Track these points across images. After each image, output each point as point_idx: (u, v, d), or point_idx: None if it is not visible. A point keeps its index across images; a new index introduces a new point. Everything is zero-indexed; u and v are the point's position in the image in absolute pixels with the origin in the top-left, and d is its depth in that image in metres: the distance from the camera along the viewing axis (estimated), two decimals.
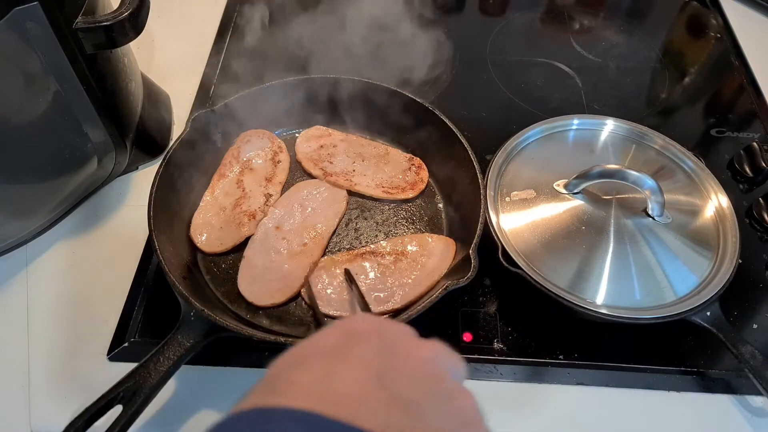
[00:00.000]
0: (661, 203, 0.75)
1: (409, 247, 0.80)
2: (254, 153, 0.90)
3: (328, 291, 0.76)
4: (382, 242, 0.81)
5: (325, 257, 0.80)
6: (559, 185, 0.81)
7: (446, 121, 0.85)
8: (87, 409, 0.58)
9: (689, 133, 1.03)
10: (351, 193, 0.88)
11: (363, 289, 0.76)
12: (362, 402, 0.33)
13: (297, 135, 0.94)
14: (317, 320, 0.73)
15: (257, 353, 0.74)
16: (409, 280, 0.76)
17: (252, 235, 0.81)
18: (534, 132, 0.88)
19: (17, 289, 0.79)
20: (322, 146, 0.92)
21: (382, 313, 0.74)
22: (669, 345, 0.76)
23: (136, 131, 0.88)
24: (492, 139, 0.88)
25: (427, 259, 0.78)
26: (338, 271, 0.78)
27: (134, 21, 0.68)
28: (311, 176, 0.90)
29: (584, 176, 0.77)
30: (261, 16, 1.21)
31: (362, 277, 0.77)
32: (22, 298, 0.78)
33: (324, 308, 0.74)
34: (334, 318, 0.75)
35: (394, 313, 0.73)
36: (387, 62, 1.12)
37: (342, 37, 1.17)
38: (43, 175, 0.75)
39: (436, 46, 1.17)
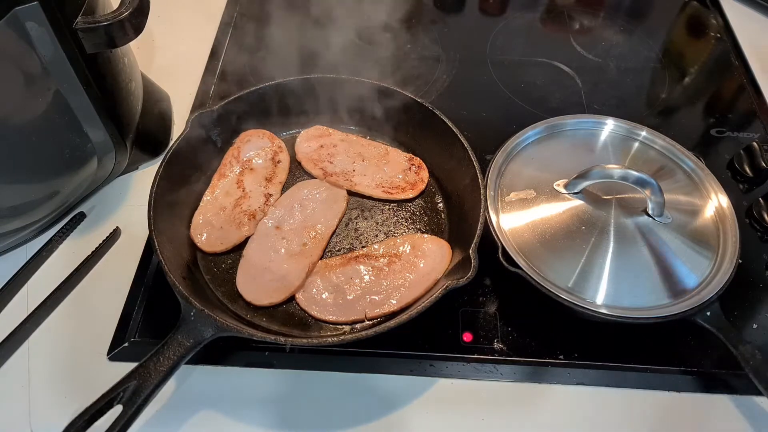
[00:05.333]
0: (661, 203, 0.75)
1: (401, 249, 0.80)
2: (254, 153, 0.90)
3: (324, 296, 0.76)
4: (375, 245, 0.81)
5: (320, 261, 0.80)
6: (559, 185, 0.81)
7: (446, 121, 0.85)
8: (87, 409, 0.58)
9: (689, 133, 1.03)
10: (351, 193, 0.88)
11: (358, 292, 0.75)
12: None
13: (297, 135, 0.94)
14: None
15: (257, 353, 0.74)
16: (405, 282, 0.76)
17: (252, 234, 0.81)
18: (534, 132, 0.88)
19: (17, 289, 0.79)
20: (322, 146, 0.92)
21: (379, 316, 0.74)
22: (669, 345, 0.76)
23: (136, 131, 0.88)
24: (492, 139, 0.88)
25: (420, 260, 0.78)
26: (333, 275, 0.77)
27: (134, 21, 0.68)
28: (311, 176, 0.90)
29: (584, 176, 0.77)
30: (261, 16, 1.21)
31: (357, 280, 0.77)
32: (22, 297, 0.78)
33: (320, 314, 0.74)
34: (331, 324, 0.74)
35: (392, 315, 0.73)
36: (387, 62, 1.12)
37: (342, 38, 1.17)
38: (43, 175, 0.75)
39: (436, 45, 1.17)
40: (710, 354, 0.75)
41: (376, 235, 0.84)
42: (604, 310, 0.70)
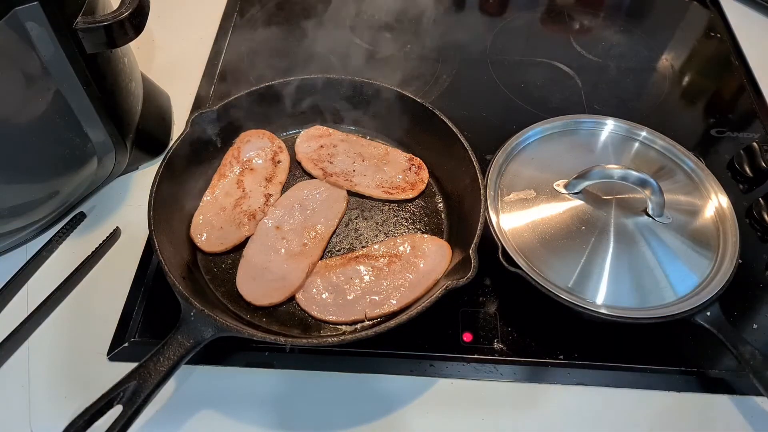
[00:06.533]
0: (661, 203, 0.75)
1: (401, 249, 0.80)
2: (254, 153, 0.90)
3: (324, 296, 0.76)
4: (375, 245, 0.81)
5: (320, 262, 0.80)
6: (559, 185, 0.81)
7: (446, 121, 0.85)
8: (87, 409, 0.58)
9: (689, 133, 1.03)
10: (351, 193, 0.88)
11: (358, 292, 0.75)
12: None
13: (297, 135, 0.94)
14: None
15: (257, 353, 0.74)
16: (405, 282, 0.76)
17: (252, 234, 0.81)
18: (534, 132, 0.88)
19: (17, 289, 0.79)
20: (322, 146, 0.92)
21: (379, 316, 0.74)
22: (669, 345, 0.76)
23: (136, 131, 0.88)
24: (492, 139, 0.88)
25: (420, 260, 0.78)
26: (333, 275, 0.77)
27: (134, 21, 0.68)
28: (311, 176, 0.90)
29: (584, 176, 0.77)
30: (261, 16, 1.21)
31: (357, 280, 0.77)
32: (22, 297, 0.78)
33: (320, 314, 0.74)
34: (331, 324, 0.74)
35: (392, 315, 0.73)
36: (387, 62, 1.12)
37: (342, 37, 1.17)
38: (44, 175, 0.75)
39: (436, 45, 1.17)
40: (710, 354, 0.75)
41: (376, 235, 0.84)
42: (604, 310, 0.70)
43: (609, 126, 0.90)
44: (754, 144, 0.97)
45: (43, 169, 0.75)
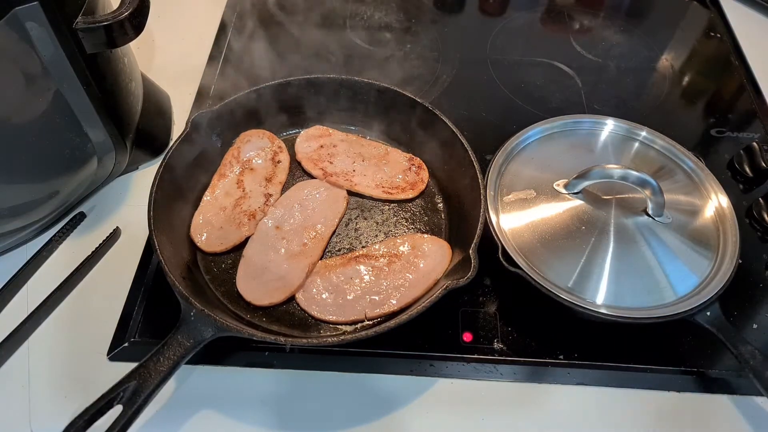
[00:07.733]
0: (661, 203, 0.75)
1: (401, 249, 0.80)
2: (254, 153, 0.90)
3: (324, 296, 0.76)
4: (375, 245, 0.81)
5: (320, 261, 0.80)
6: (559, 185, 0.81)
7: (446, 121, 0.85)
8: (87, 409, 0.58)
9: (689, 133, 1.03)
10: (351, 193, 0.88)
11: (358, 292, 0.75)
12: None
13: (297, 135, 0.94)
14: None
15: (257, 353, 0.74)
16: (405, 282, 0.76)
17: (252, 234, 0.81)
18: (534, 132, 0.88)
19: (17, 289, 0.79)
20: (322, 146, 0.92)
21: (379, 316, 0.74)
22: (669, 345, 0.76)
23: (136, 131, 0.88)
24: (492, 139, 0.88)
25: (420, 260, 0.78)
26: (333, 275, 0.77)
27: (134, 21, 0.68)
28: (311, 176, 0.90)
29: (584, 176, 0.77)
30: (261, 16, 1.21)
31: (357, 280, 0.77)
32: (22, 297, 0.78)
33: (320, 314, 0.74)
34: (331, 324, 0.74)
35: (392, 315, 0.73)
36: (387, 62, 1.12)
37: (342, 38, 1.17)
38: (43, 175, 0.75)
39: (436, 45, 1.17)
40: (710, 354, 0.75)
41: (376, 235, 0.84)
42: (604, 310, 0.70)
43: (609, 126, 0.90)
44: (754, 144, 0.97)
45: (43, 169, 0.75)
